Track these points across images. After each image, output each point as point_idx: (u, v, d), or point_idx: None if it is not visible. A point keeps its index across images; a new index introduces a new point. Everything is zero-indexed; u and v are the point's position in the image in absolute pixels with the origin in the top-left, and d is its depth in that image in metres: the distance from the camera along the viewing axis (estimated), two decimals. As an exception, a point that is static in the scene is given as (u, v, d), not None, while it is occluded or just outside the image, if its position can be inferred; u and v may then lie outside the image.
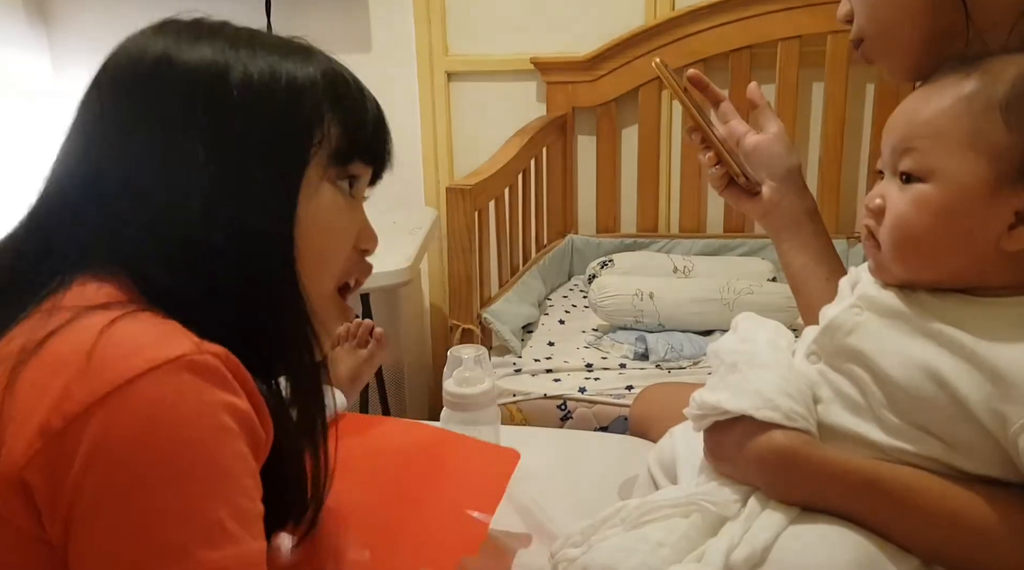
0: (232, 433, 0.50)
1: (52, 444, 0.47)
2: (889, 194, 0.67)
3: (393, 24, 2.21)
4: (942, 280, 0.66)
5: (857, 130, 2.03)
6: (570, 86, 2.12)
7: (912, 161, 0.65)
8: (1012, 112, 0.62)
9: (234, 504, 0.50)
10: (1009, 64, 0.63)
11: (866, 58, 0.80)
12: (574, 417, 1.55)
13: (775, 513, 0.65)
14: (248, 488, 0.52)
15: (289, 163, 0.60)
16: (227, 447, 0.50)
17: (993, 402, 0.60)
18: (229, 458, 0.50)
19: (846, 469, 0.64)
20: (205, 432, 0.49)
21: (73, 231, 0.57)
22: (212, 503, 0.49)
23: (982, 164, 0.62)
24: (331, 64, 0.64)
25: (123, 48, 0.60)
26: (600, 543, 0.69)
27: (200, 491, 0.48)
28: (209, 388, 0.50)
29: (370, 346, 1.16)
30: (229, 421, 0.50)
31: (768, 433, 0.66)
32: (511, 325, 1.75)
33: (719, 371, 0.71)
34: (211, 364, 0.50)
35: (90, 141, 0.59)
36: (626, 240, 2.13)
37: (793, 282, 0.92)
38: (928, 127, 0.65)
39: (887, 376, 0.64)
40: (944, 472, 0.64)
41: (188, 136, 0.56)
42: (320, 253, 0.62)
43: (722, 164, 0.91)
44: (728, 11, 1.98)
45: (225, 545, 0.48)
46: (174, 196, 0.56)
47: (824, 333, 0.69)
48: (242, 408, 0.52)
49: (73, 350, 0.49)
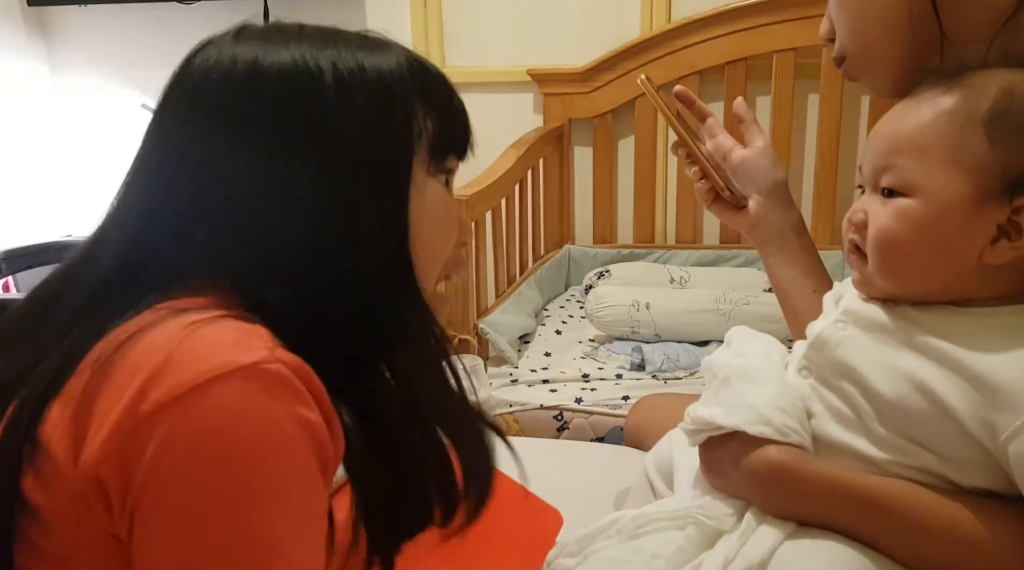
0: (298, 443, 0.49)
1: (125, 442, 0.47)
2: (871, 208, 0.67)
3: (390, 35, 2.18)
4: (927, 293, 0.66)
5: (852, 142, 2.03)
6: (567, 97, 2.13)
7: (894, 177, 0.65)
8: (994, 127, 0.62)
9: (292, 519, 0.49)
10: (990, 80, 0.64)
11: (849, 75, 0.80)
12: (570, 428, 1.54)
13: (771, 528, 0.65)
14: (308, 502, 0.50)
15: (396, 160, 0.58)
16: (291, 457, 0.49)
17: (981, 411, 0.60)
18: (290, 469, 0.49)
19: (840, 483, 0.65)
20: (268, 443, 0.48)
21: (177, 253, 0.55)
22: (269, 516, 0.48)
23: (965, 179, 0.63)
24: (412, 54, 0.62)
25: (206, 57, 0.58)
26: (595, 554, 0.69)
27: (258, 503, 0.47)
28: (278, 398, 0.49)
29: None
30: (296, 431, 0.49)
31: (762, 448, 0.66)
32: (508, 335, 1.75)
33: (712, 385, 0.72)
34: (282, 373, 0.49)
35: (185, 156, 0.56)
36: (623, 251, 2.14)
37: (780, 295, 0.93)
38: (910, 143, 0.65)
39: (875, 390, 0.65)
40: (937, 485, 0.64)
41: (292, 143, 0.55)
42: (430, 250, 0.61)
43: (707, 179, 0.92)
44: (724, 23, 2.00)
45: (277, 563, 0.48)
46: (286, 210, 0.54)
47: (812, 348, 0.69)
48: (312, 420, 0.50)
49: (153, 351, 0.49)
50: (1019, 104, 0.62)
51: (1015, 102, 0.62)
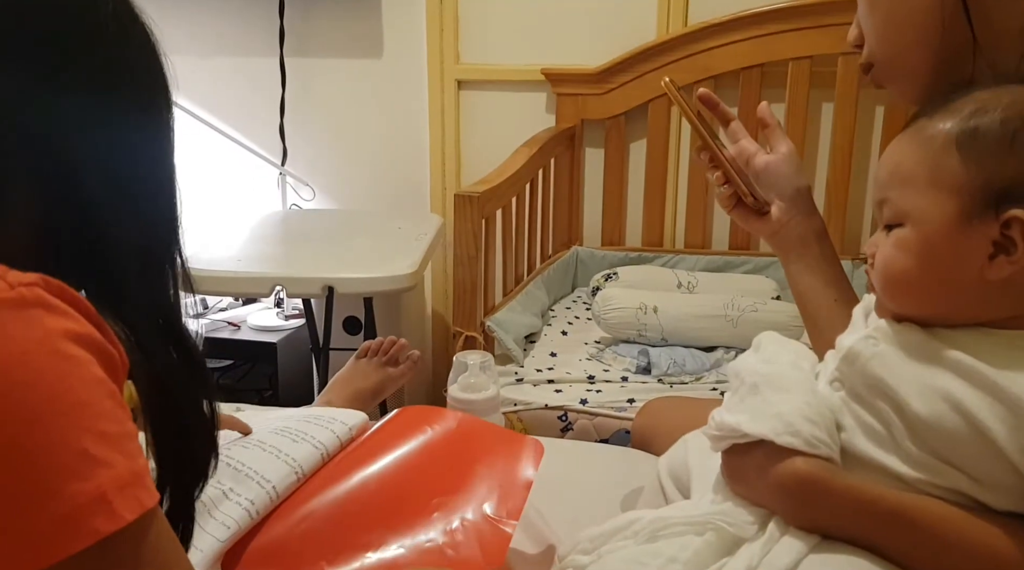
0: (73, 358, 0.47)
1: None
2: (879, 241, 0.69)
3: (406, 31, 2.22)
4: (944, 316, 0.66)
5: (865, 152, 2.03)
6: (580, 98, 2.13)
7: (889, 209, 0.68)
8: (965, 145, 0.63)
9: (96, 430, 0.46)
10: (968, 101, 0.65)
11: (876, 82, 0.80)
12: (575, 428, 1.54)
13: (795, 540, 0.64)
14: (109, 411, 0.48)
15: None
16: (71, 372, 0.46)
17: (1018, 435, 0.60)
18: (79, 385, 0.47)
19: (868, 498, 0.64)
20: (44, 365, 0.45)
21: None
22: (70, 435, 0.45)
23: (947, 200, 0.63)
24: None
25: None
26: (610, 554, 0.68)
27: (55, 426, 0.45)
28: (37, 319, 0.46)
29: (401, 368, 1.15)
30: (67, 345, 0.47)
31: (789, 459, 0.65)
32: (514, 334, 1.75)
33: (739, 391, 0.71)
34: (27, 296, 0.46)
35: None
36: (631, 254, 2.14)
37: (800, 302, 0.92)
38: (896, 176, 0.67)
39: (908, 407, 0.64)
40: (968, 505, 0.63)
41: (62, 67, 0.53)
42: None
43: (730, 184, 0.91)
44: (740, 29, 1.99)
45: (95, 472, 0.45)
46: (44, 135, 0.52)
47: (844, 361, 0.69)
48: (83, 331, 0.48)
49: None
50: (989, 120, 0.63)
51: (985, 119, 0.63)
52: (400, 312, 2.13)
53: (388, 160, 2.33)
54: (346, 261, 1.83)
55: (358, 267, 1.76)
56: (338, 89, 2.30)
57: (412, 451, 0.85)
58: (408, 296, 2.08)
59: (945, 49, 0.73)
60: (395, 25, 2.23)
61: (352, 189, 2.39)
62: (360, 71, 2.27)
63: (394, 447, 0.86)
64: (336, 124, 2.34)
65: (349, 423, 0.92)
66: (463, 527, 0.75)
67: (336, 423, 0.91)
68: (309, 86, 2.30)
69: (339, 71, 2.27)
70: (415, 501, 0.78)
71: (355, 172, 2.37)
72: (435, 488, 0.80)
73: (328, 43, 2.24)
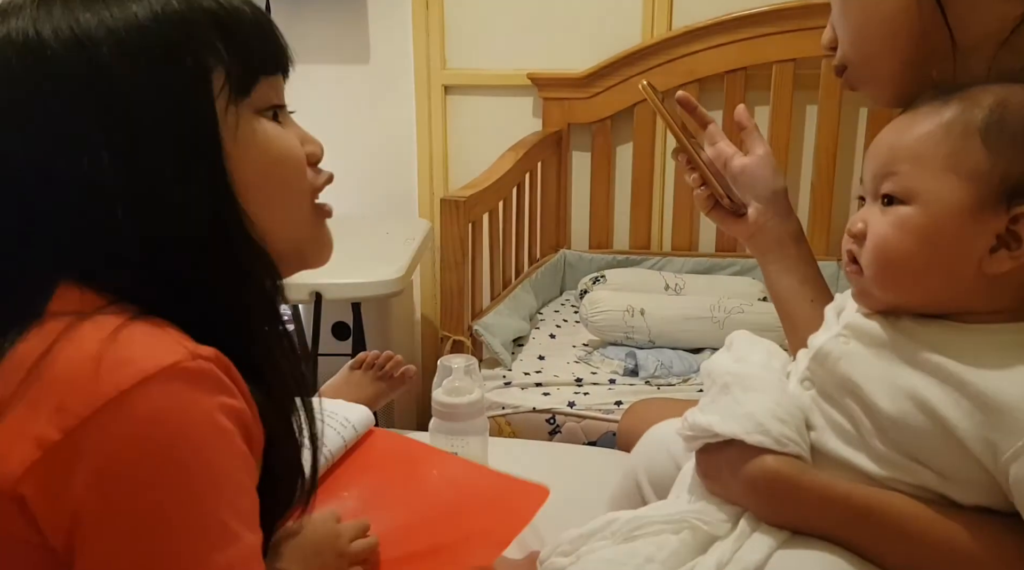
0: (229, 433, 0.50)
1: (49, 456, 0.47)
2: (871, 218, 0.67)
3: (392, 36, 2.22)
4: (926, 304, 0.66)
5: (849, 153, 2.04)
6: (566, 102, 2.14)
7: (894, 183, 0.66)
8: (991, 135, 0.63)
9: (235, 504, 0.50)
10: (986, 92, 0.65)
11: (849, 85, 0.80)
12: (562, 431, 1.55)
13: (765, 536, 0.65)
14: (245, 485, 0.52)
15: (194, 119, 0.54)
16: (225, 449, 0.50)
17: (982, 431, 0.60)
18: (227, 459, 0.50)
19: (837, 495, 0.65)
20: (202, 438, 0.49)
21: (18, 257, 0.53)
22: (215, 507, 0.49)
23: (963, 187, 0.63)
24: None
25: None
26: (589, 555, 0.69)
27: (203, 497, 0.48)
28: (203, 393, 0.49)
29: (393, 382, 1.16)
30: (225, 422, 0.50)
31: (759, 457, 0.66)
32: (502, 338, 1.76)
33: (711, 391, 0.72)
34: (204, 369, 0.50)
35: None
36: (618, 256, 2.14)
37: (778, 303, 0.93)
38: (909, 152, 0.66)
39: (876, 406, 0.65)
40: (937, 501, 0.64)
41: (79, 124, 0.51)
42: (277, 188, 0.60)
43: (707, 186, 0.92)
44: (724, 32, 2.00)
45: (230, 546, 0.49)
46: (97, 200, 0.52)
47: (814, 360, 0.69)
48: (237, 407, 0.51)
49: (68, 362, 0.49)
50: (1014, 113, 0.63)
51: (1010, 111, 0.63)
52: (389, 317, 2.13)
53: (375, 165, 2.33)
54: (334, 267, 1.81)
55: (346, 272, 1.76)
56: (325, 95, 2.29)
57: (415, 494, 0.87)
58: (397, 301, 2.09)
59: (919, 51, 0.74)
60: (381, 31, 2.23)
61: (339, 194, 2.36)
62: (347, 77, 2.27)
63: (400, 487, 0.87)
64: (323, 130, 2.31)
65: (354, 422, 0.95)
66: None
67: (348, 428, 0.95)
68: (296, 92, 2.29)
69: (326, 77, 2.27)
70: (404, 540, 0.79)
71: (342, 177, 2.34)
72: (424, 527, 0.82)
73: (315, 49, 2.24)
